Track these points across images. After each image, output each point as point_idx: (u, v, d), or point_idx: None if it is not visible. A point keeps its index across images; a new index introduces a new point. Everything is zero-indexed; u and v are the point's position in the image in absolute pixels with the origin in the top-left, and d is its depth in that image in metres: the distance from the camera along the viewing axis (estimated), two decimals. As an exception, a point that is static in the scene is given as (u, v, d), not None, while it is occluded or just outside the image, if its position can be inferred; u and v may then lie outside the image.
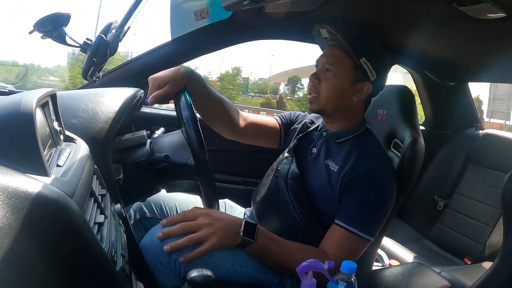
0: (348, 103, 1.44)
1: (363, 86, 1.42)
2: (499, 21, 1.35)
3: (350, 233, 1.28)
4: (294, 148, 1.53)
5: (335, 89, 1.42)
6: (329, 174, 1.40)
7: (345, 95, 1.43)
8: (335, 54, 1.43)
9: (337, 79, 1.41)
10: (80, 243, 0.68)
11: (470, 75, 2.62)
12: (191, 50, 2.12)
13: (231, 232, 1.22)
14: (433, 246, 2.56)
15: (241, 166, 2.42)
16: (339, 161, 1.41)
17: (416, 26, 1.71)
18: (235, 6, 1.44)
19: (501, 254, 1.10)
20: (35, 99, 0.77)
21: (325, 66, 1.44)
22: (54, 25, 1.50)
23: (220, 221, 1.22)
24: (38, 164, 0.69)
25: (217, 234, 1.19)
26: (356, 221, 1.29)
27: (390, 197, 1.36)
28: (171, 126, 1.84)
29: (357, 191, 1.32)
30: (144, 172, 1.41)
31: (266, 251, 1.26)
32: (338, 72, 1.41)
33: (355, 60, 1.39)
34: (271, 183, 1.52)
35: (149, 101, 1.25)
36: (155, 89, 1.25)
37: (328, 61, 1.43)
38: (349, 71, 1.41)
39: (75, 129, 1.18)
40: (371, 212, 1.32)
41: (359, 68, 1.40)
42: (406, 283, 1.27)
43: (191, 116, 1.14)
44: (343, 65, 1.41)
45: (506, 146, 2.44)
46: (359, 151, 1.40)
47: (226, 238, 1.21)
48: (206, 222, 1.20)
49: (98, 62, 1.57)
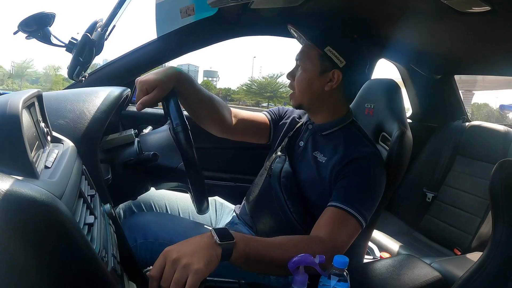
0: (321, 94, 1.45)
1: (332, 74, 1.42)
2: (484, 14, 1.36)
3: (341, 210, 1.26)
4: (287, 146, 1.54)
5: (305, 82, 1.45)
6: (317, 166, 1.41)
7: (315, 86, 1.44)
8: (303, 49, 1.48)
9: (305, 72, 1.45)
10: (70, 244, 0.67)
11: (456, 68, 2.64)
12: (177, 47, 2.11)
13: (205, 247, 0.99)
14: (423, 237, 2.59)
15: (230, 162, 2.42)
16: (326, 152, 1.42)
17: (402, 20, 1.72)
18: (221, 3, 1.44)
19: (491, 244, 1.11)
20: (21, 101, 0.77)
21: (297, 63, 1.50)
22: (38, 25, 1.48)
23: (185, 245, 1.00)
24: (26, 166, 0.69)
25: (194, 259, 0.96)
26: (347, 200, 1.27)
27: (379, 181, 1.36)
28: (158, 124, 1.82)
29: (346, 176, 1.32)
30: (133, 171, 1.40)
31: (253, 253, 1.07)
32: (305, 65, 1.45)
33: (318, 51, 1.42)
34: (264, 183, 1.52)
35: (137, 107, 1.22)
36: (143, 94, 1.22)
37: (298, 57, 1.49)
38: (315, 62, 1.43)
39: (62, 129, 1.17)
40: (361, 195, 1.31)
41: (325, 57, 1.41)
42: (397, 275, 1.28)
43: (182, 125, 1.13)
44: (309, 58, 1.44)
45: (492, 137, 2.46)
46: (346, 142, 1.41)
47: (205, 256, 0.97)
48: (173, 258, 0.96)
49: (84, 62, 1.56)
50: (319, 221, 1.29)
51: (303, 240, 1.19)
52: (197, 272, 0.93)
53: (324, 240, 1.20)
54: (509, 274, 1.06)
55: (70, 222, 0.67)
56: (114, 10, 1.59)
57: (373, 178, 1.35)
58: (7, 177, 0.62)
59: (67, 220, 0.66)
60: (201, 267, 0.94)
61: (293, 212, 1.40)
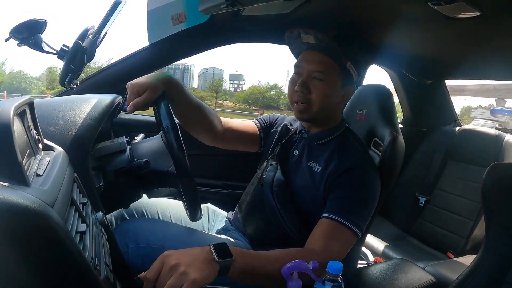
0: (335, 107, 1.45)
1: (348, 89, 1.42)
2: (473, 19, 1.38)
3: (336, 223, 1.26)
4: (278, 154, 1.53)
5: (327, 98, 1.39)
6: (312, 175, 1.41)
7: (334, 99, 1.42)
8: (322, 60, 1.37)
9: (328, 88, 1.38)
10: (62, 253, 0.67)
11: (447, 73, 2.66)
12: (169, 54, 2.10)
13: (204, 261, 0.99)
14: (416, 242, 2.59)
15: (222, 169, 2.42)
16: (321, 162, 1.41)
17: (392, 26, 1.73)
18: (212, 10, 1.44)
19: (484, 246, 1.12)
20: (12, 108, 0.76)
21: (313, 75, 1.38)
22: (30, 32, 1.48)
23: (185, 255, 1.00)
24: (17, 174, 0.68)
25: (192, 269, 0.96)
26: (342, 211, 1.27)
27: (374, 191, 1.36)
28: (150, 131, 1.82)
29: (341, 187, 1.32)
30: (125, 179, 1.39)
31: (249, 268, 1.08)
32: (329, 79, 1.37)
33: (343, 64, 1.37)
34: (257, 191, 1.52)
35: (128, 109, 1.22)
36: (134, 96, 1.21)
37: (317, 68, 1.37)
38: (337, 76, 1.38)
39: (54, 137, 1.16)
40: (357, 205, 1.31)
41: (346, 72, 1.38)
42: (391, 280, 1.28)
43: (172, 125, 1.13)
44: (332, 72, 1.37)
45: (483, 140, 2.48)
46: (341, 150, 1.41)
47: (203, 269, 0.97)
48: (172, 264, 0.96)
49: (76, 69, 1.55)
50: (314, 233, 1.29)
51: (299, 254, 1.18)
52: (194, 282, 0.93)
53: (319, 253, 1.21)
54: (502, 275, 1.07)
55: (62, 230, 0.67)
56: (105, 17, 1.59)
57: (368, 187, 1.35)
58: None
59: (59, 228, 0.66)
60: (198, 278, 0.94)
61: (286, 220, 1.40)
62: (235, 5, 1.30)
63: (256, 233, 1.50)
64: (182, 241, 1.39)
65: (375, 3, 1.55)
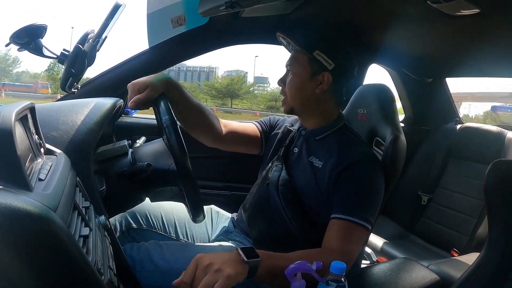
0: (312, 97, 1.47)
1: (322, 77, 1.44)
2: (473, 17, 1.38)
3: (348, 222, 1.28)
4: (283, 155, 1.54)
5: (296, 86, 1.47)
6: (314, 171, 1.41)
7: (306, 89, 1.46)
8: (293, 55, 1.50)
9: (296, 77, 1.47)
10: (65, 257, 0.67)
11: (447, 71, 2.66)
12: (169, 57, 2.11)
13: (235, 260, 1.06)
14: (420, 240, 2.59)
15: (225, 171, 2.42)
16: (322, 157, 1.42)
17: (392, 24, 1.74)
18: (212, 12, 1.45)
19: (487, 244, 1.11)
20: (14, 113, 0.76)
21: (287, 69, 1.52)
22: (30, 37, 1.48)
23: (217, 256, 1.06)
24: (20, 179, 0.68)
25: (225, 266, 1.02)
26: (351, 210, 1.29)
27: (379, 182, 1.37)
28: (152, 134, 1.82)
29: (346, 184, 1.33)
30: (127, 182, 1.39)
31: (275, 268, 1.12)
32: (296, 69, 1.47)
33: (307, 55, 1.44)
34: (262, 191, 1.52)
35: (129, 105, 1.23)
36: (135, 94, 1.23)
37: (288, 63, 1.52)
38: (305, 66, 1.45)
39: (56, 141, 1.16)
40: (364, 200, 1.33)
41: (314, 61, 1.44)
42: (395, 279, 1.28)
43: (171, 120, 1.12)
44: (299, 63, 1.47)
45: (485, 137, 2.48)
46: (340, 145, 1.41)
47: (235, 267, 1.03)
48: (206, 264, 1.03)
49: (76, 73, 1.55)
50: (328, 234, 1.31)
51: (321, 254, 1.23)
52: (228, 277, 1.00)
53: (339, 253, 1.24)
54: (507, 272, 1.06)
55: (65, 235, 0.67)
56: (105, 21, 1.59)
57: (372, 181, 1.36)
58: (1, 190, 0.62)
59: (62, 232, 0.66)
60: (232, 274, 1.01)
61: (291, 219, 1.40)
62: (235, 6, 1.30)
63: (260, 233, 1.51)
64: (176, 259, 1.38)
65: (374, 2, 1.55)
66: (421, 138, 2.82)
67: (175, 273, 1.27)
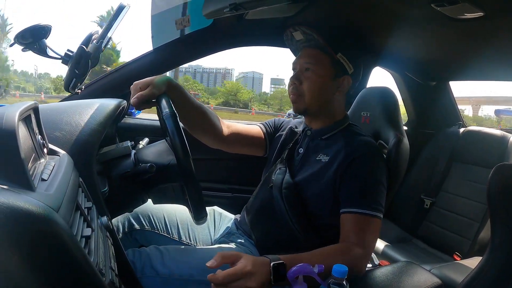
0: (330, 98, 1.48)
1: (343, 80, 1.46)
2: (477, 20, 1.38)
3: (361, 215, 1.30)
4: (287, 158, 1.54)
5: (318, 87, 1.45)
6: (321, 167, 1.42)
7: (328, 91, 1.47)
8: (312, 54, 1.47)
9: (318, 77, 1.45)
10: (67, 257, 0.67)
11: (451, 74, 2.65)
12: (173, 59, 2.11)
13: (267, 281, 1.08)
14: (422, 244, 2.57)
15: (227, 173, 2.42)
16: (329, 153, 1.43)
17: (396, 28, 1.73)
18: (216, 14, 1.45)
19: (490, 248, 1.11)
20: (17, 113, 0.77)
21: (304, 66, 1.47)
22: (34, 37, 1.49)
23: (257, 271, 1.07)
24: (22, 179, 0.68)
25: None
26: (361, 202, 1.32)
27: (383, 170, 1.40)
28: (155, 136, 1.82)
29: (352, 177, 1.35)
30: (130, 183, 1.39)
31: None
32: (318, 70, 1.45)
33: (333, 56, 1.43)
34: (265, 194, 1.52)
35: (131, 102, 1.23)
36: (137, 92, 1.24)
37: (307, 60, 1.47)
38: (328, 67, 1.44)
39: (59, 142, 1.17)
40: (372, 190, 1.35)
41: (337, 63, 1.44)
42: (397, 283, 1.28)
43: (171, 112, 1.12)
44: (321, 63, 1.45)
45: (488, 141, 2.46)
46: (347, 142, 1.42)
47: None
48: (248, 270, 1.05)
49: (80, 74, 1.56)
50: (344, 230, 1.33)
51: (342, 249, 1.25)
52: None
53: (358, 245, 1.27)
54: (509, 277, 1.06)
55: (67, 235, 0.67)
56: (109, 22, 1.59)
57: (378, 171, 1.38)
58: (3, 189, 0.62)
59: (64, 232, 0.66)
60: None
61: (294, 222, 1.40)
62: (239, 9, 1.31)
63: (263, 236, 1.51)
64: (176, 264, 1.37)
65: (378, 5, 1.55)
66: (424, 142, 2.81)
67: (176, 279, 1.28)
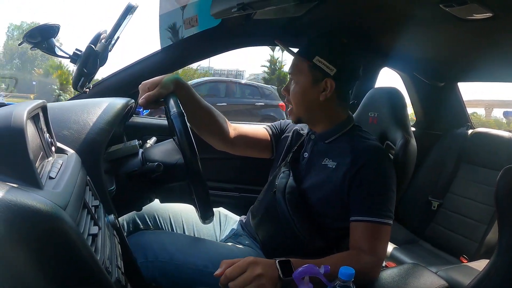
0: (317, 103, 1.45)
1: (325, 83, 1.42)
2: (485, 21, 1.37)
3: (371, 223, 1.29)
4: (291, 161, 1.53)
5: (299, 94, 1.47)
6: (327, 173, 1.40)
7: (310, 97, 1.45)
8: (294, 62, 1.50)
9: (298, 85, 1.46)
10: (74, 255, 0.67)
11: (459, 75, 2.63)
12: (181, 58, 2.12)
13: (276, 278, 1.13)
14: (429, 246, 2.56)
15: (235, 173, 2.41)
16: (335, 158, 1.41)
17: (404, 28, 1.73)
18: (224, 14, 1.45)
19: (497, 251, 1.10)
20: (26, 112, 0.77)
21: (290, 76, 1.51)
22: (43, 36, 1.50)
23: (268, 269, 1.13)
24: (30, 177, 0.69)
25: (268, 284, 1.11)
26: (371, 210, 1.31)
27: (392, 176, 1.38)
28: (163, 135, 1.82)
29: (361, 184, 1.33)
30: (137, 182, 1.40)
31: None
32: (297, 78, 1.47)
33: (307, 62, 1.43)
34: (269, 198, 1.51)
35: (140, 102, 1.25)
36: (145, 92, 1.26)
37: (290, 70, 1.51)
38: (306, 73, 1.44)
39: (67, 140, 1.17)
40: (382, 198, 1.33)
41: (315, 68, 1.42)
42: (403, 284, 1.27)
43: (179, 112, 1.12)
44: (300, 70, 1.46)
45: (496, 143, 2.45)
46: (353, 145, 1.41)
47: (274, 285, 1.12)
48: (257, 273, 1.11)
49: (88, 73, 1.56)
50: (354, 238, 1.33)
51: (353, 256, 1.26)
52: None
53: (369, 253, 1.27)
54: (516, 281, 1.05)
55: (74, 233, 0.67)
56: (118, 22, 1.60)
57: (386, 176, 1.37)
58: (12, 187, 0.63)
59: (71, 230, 0.67)
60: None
61: (299, 227, 1.39)
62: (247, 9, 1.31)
63: (267, 239, 1.50)
64: (191, 253, 1.41)
65: (387, 6, 1.54)
66: (432, 143, 2.79)
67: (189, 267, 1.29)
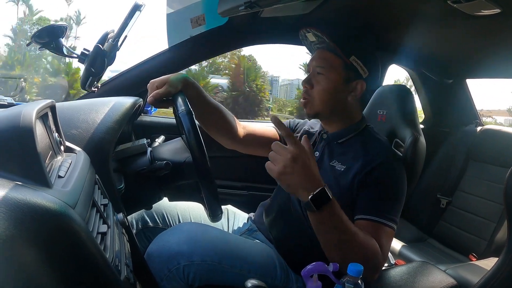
0: (342, 103, 1.44)
1: (356, 84, 1.41)
2: (494, 17, 1.35)
3: (374, 222, 1.28)
4: None
5: (329, 92, 1.42)
6: (335, 175, 1.39)
7: (339, 96, 1.43)
8: (324, 56, 1.44)
9: (329, 82, 1.41)
10: (83, 253, 0.68)
11: (468, 72, 2.62)
12: (188, 57, 2.12)
13: (302, 185, 1.10)
14: (438, 244, 2.55)
15: (243, 171, 2.42)
16: (344, 161, 1.40)
17: (411, 25, 1.72)
18: (231, 12, 1.45)
19: (506, 249, 1.10)
20: (35, 112, 0.77)
21: (316, 70, 1.44)
22: (50, 37, 1.51)
23: (302, 168, 1.10)
24: (40, 176, 0.69)
25: (301, 179, 1.10)
26: (377, 211, 1.29)
27: (402, 182, 1.36)
28: (171, 133, 1.83)
29: (371, 185, 1.31)
30: (146, 181, 1.40)
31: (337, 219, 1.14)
32: (329, 74, 1.41)
33: (344, 60, 1.39)
34: (283, 196, 1.51)
35: (148, 100, 1.25)
36: (153, 91, 1.25)
37: (318, 64, 1.44)
38: (340, 71, 1.40)
39: (75, 139, 1.18)
40: (390, 201, 1.32)
41: (350, 67, 1.40)
42: (412, 282, 1.27)
43: (187, 110, 1.12)
44: (333, 67, 1.41)
45: (505, 141, 2.43)
46: (365, 148, 1.39)
47: (296, 184, 1.10)
48: (289, 157, 1.08)
49: (96, 72, 1.57)
50: None
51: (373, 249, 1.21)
52: (278, 174, 1.10)
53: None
54: (526, 279, 1.04)
55: (83, 231, 0.68)
56: (125, 21, 1.61)
57: (397, 181, 1.35)
58: (21, 186, 0.63)
59: (80, 229, 0.67)
60: (298, 190, 1.11)
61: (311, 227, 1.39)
62: (254, 7, 1.30)
63: (281, 238, 1.50)
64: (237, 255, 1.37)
65: (394, 2, 1.53)
66: (440, 140, 2.77)
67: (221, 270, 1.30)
